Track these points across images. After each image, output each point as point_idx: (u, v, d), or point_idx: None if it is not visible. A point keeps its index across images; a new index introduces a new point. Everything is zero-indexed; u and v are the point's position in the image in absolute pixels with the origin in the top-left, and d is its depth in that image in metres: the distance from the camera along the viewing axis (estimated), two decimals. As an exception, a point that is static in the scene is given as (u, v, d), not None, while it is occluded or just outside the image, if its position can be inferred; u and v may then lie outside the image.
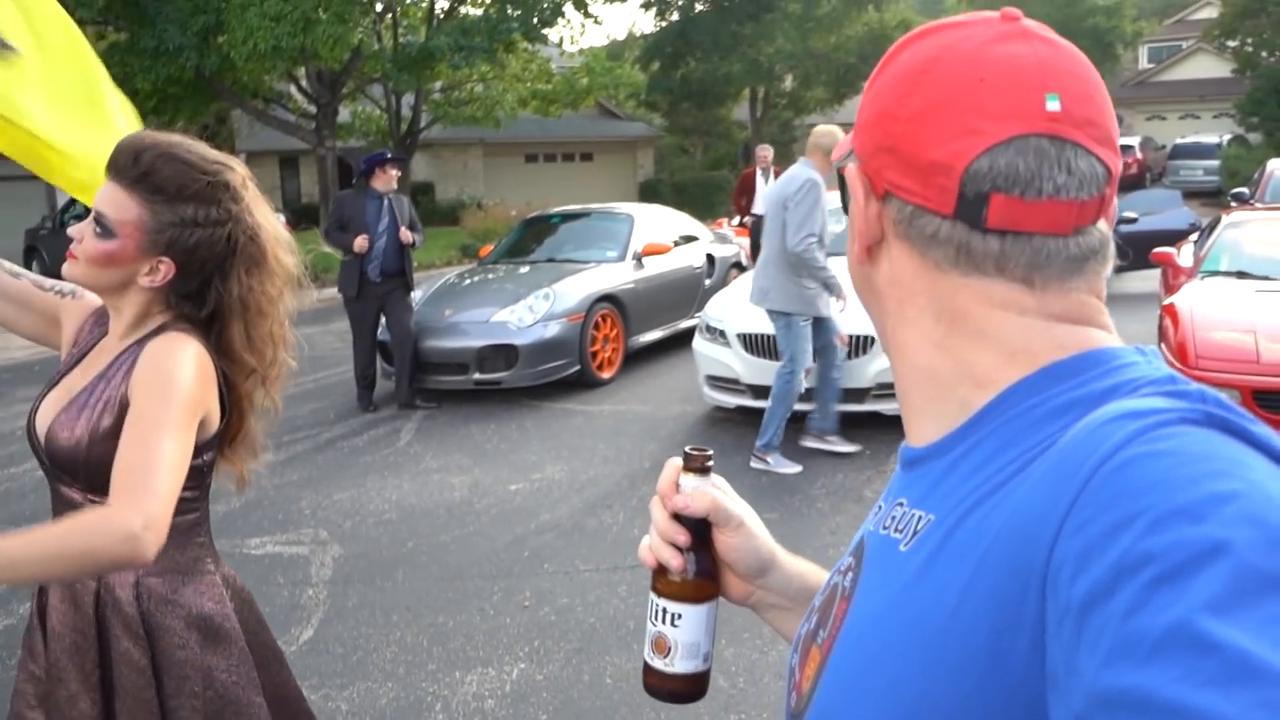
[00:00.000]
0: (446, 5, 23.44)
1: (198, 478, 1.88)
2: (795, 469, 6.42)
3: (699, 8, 33.65)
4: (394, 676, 4.13)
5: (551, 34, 23.97)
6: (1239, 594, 0.53)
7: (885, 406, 6.89)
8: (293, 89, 23.17)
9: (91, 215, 1.85)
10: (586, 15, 23.29)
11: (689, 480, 1.00)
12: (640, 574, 4.95)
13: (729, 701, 3.76)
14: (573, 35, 27.65)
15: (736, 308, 7.73)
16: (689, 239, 11.40)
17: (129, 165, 1.82)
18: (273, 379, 2.00)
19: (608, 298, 9.39)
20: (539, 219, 11.93)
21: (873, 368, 6.85)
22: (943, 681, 0.67)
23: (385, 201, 8.28)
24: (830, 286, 6.26)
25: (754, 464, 6.51)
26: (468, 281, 10.13)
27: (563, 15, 22.74)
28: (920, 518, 0.76)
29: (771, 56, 31.87)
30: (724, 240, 12.48)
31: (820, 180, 6.23)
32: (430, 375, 8.88)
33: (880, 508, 0.86)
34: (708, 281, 11.14)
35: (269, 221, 1.94)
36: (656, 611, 1.01)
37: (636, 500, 6.08)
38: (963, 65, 0.75)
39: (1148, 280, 13.07)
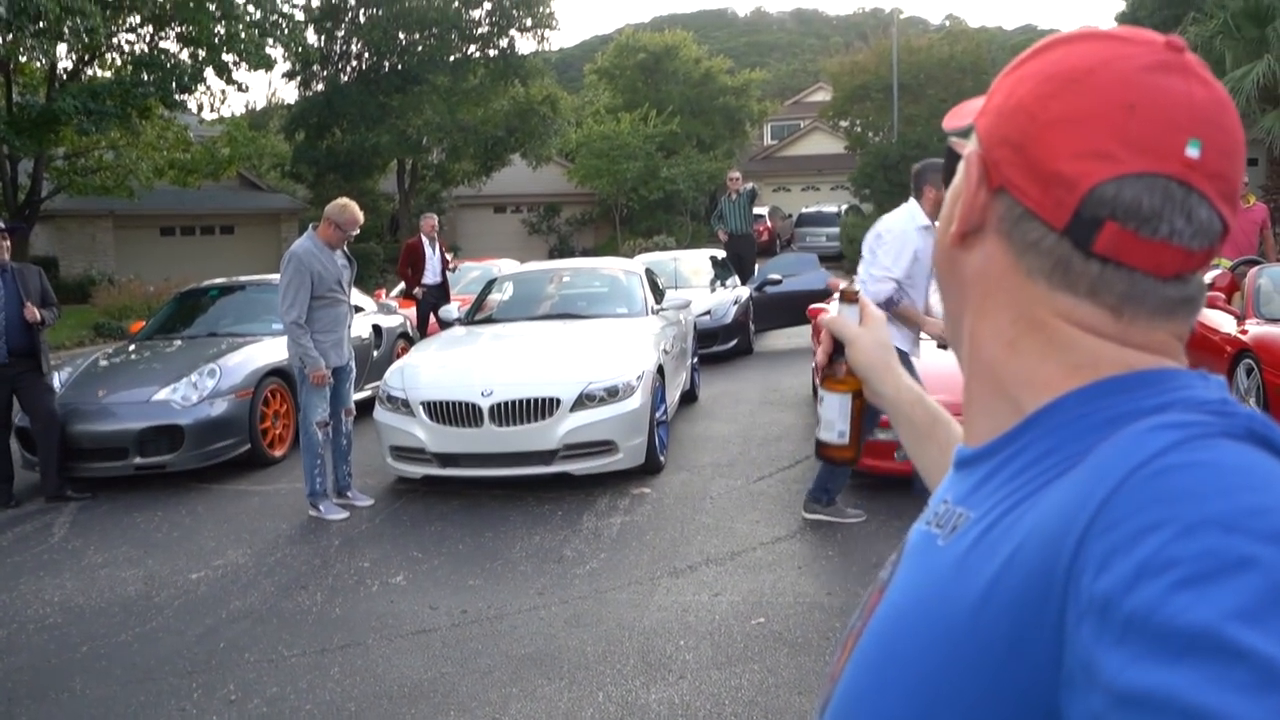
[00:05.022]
0: (70, 65, 21.83)
1: None
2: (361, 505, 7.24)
3: (345, 79, 33.26)
4: (87, 794, 3.73)
5: (190, 101, 22.90)
6: (1268, 605, 0.54)
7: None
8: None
9: None
10: (229, 82, 22.37)
11: (837, 306, 1.33)
12: (351, 654, 4.76)
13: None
14: (213, 102, 25.91)
15: (419, 377, 7.66)
16: (355, 309, 11.15)
17: None
18: None
19: (277, 372, 9.01)
20: (195, 292, 11.23)
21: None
22: (962, 676, 0.68)
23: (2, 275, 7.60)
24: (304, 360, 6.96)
25: (311, 512, 7.08)
26: (119, 359, 9.36)
27: (203, 81, 21.79)
28: (960, 514, 0.78)
29: (420, 128, 31.93)
30: (389, 311, 12.30)
31: (301, 252, 6.94)
32: (82, 463, 8.11)
33: (928, 506, 0.88)
34: (375, 353, 10.96)
35: None
36: (819, 397, 1.34)
37: (332, 579, 5.82)
38: (1116, 85, 0.74)
39: (794, 337, 14.18)
